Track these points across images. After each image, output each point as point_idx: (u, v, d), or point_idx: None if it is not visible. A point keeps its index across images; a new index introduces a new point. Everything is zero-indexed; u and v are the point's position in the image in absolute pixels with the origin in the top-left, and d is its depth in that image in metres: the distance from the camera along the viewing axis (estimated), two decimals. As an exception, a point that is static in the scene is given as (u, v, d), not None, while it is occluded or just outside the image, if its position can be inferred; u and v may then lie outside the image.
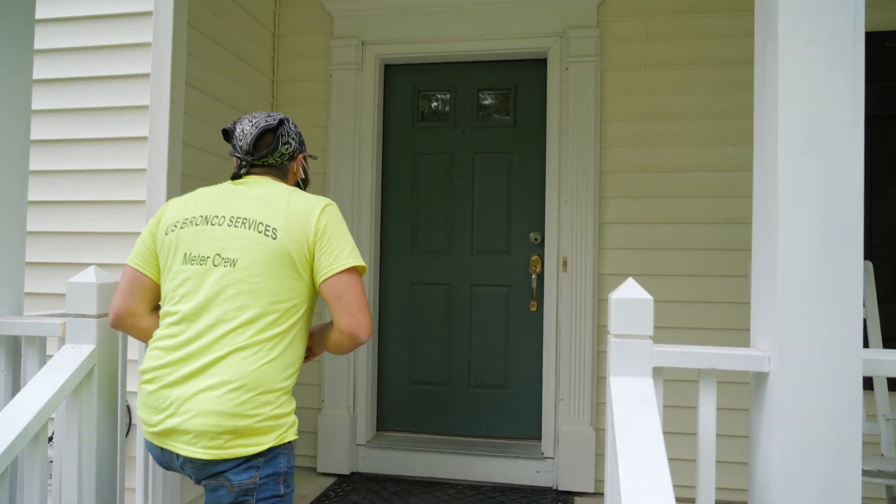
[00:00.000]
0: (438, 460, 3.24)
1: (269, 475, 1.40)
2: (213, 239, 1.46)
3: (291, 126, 1.63)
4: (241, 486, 1.37)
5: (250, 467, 1.38)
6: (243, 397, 1.37)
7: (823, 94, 1.33)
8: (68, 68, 2.70)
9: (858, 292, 1.31)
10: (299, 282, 1.45)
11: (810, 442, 1.30)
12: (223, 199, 1.53)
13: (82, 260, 2.63)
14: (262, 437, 1.39)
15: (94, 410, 1.76)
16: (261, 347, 1.40)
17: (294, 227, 1.45)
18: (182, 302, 1.45)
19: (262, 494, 1.39)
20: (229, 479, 1.38)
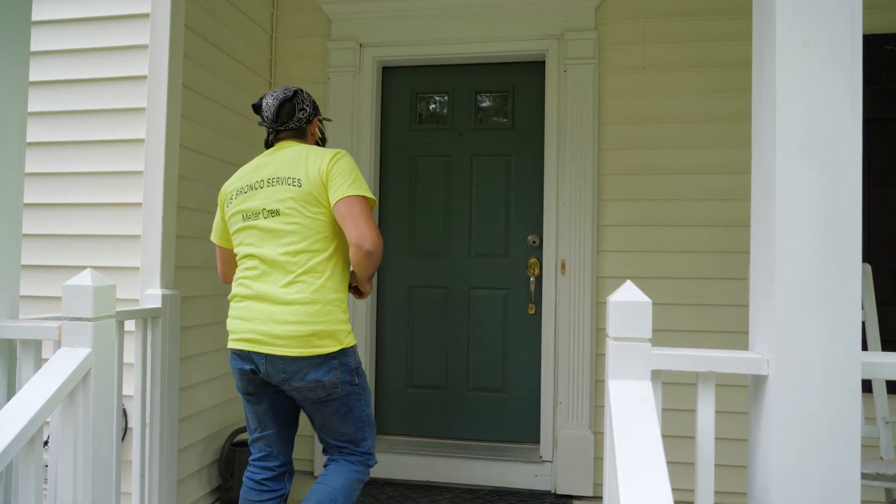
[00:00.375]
0: (436, 464, 3.24)
1: (344, 370, 1.85)
2: (259, 199, 1.88)
3: (305, 95, 2.03)
4: (330, 383, 1.83)
5: (330, 368, 1.82)
6: (313, 309, 1.79)
7: (821, 97, 1.33)
8: (64, 70, 2.70)
9: (857, 295, 1.31)
10: (327, 216, 1.85)
11: (809, 445, 1.31)
12: (259, 168, 1.95)
13: (78, 263, 2.63)
14: (332, 339, 1.81)
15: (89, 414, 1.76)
16: (315, 272, 1.81)
17: (312, 173, 1.85)
18: (250, 247, 1.89)
19: (344, 386, 1.86)
20: (320, 379, 1.81)
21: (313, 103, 2.06)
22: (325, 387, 1.83)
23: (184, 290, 2.65)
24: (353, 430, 1.94)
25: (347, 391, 1.88)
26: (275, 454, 2.00)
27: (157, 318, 2.40)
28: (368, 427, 1.98)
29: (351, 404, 1.90)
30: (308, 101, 2.03)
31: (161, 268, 2.45)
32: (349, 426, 1.93)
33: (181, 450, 2.65)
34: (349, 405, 1.90)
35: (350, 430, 1.93)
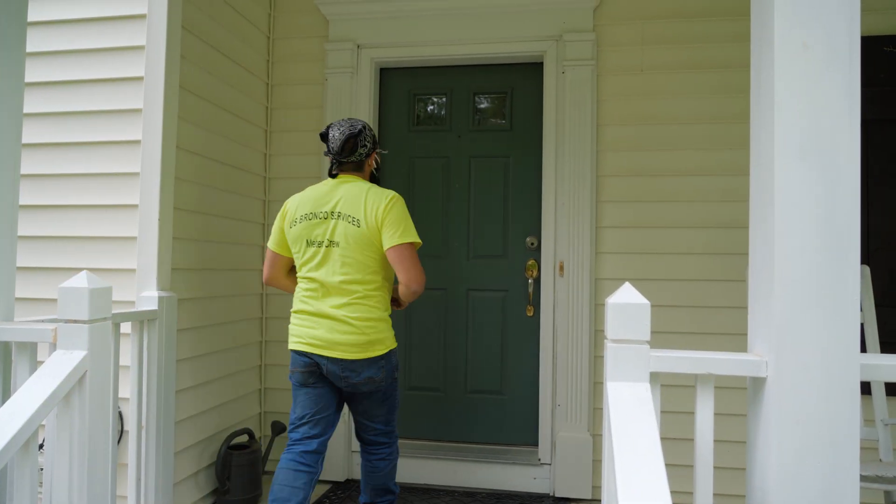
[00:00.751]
0: (434, 467, 3.23)
1: (389, 368, 2.29)
2: (323, 229, 2.23)
3: (368, 132, 2.34)
4: (379, 378, 2.26)
5: (379, 367, 2.25)
6: (366, 325, 2.21)
7: (820, 97, 1.34)
8: (61, 71, 2.70)
9: (856, 297, 1.31)
10: (377, 253, 2.22)
11: (808, 447, 1.31)
12: (324, 199, 2.26)
13: (74, 265, 2.63)
14: (381, 345, 2.24)
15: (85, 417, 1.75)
16: (367, 299, 2.22)
17: (370, 216, 2.20)
18: (312, 271, 2.24)
19: (387, 380, 2.29)
20: (372, 376, 2.24)
21: (374, 138, 2.37)
22: (375, 381, 2.26)
23: (180, 292, 2.65)
24: (387, 412, 2.40)
25: (389, 383, 2.32)
26: (319, 433, 2.33)
27: (154, 320, 2.39)
28: (395, 409, 2.45)
29: (390, 393, 2.37)
30: (370, 137, 2.34)
31: (157, 270, 2.44)
32: (384, 409, 2.38)
33: (177, 453, 2.65)
34: (388, 394, 2.36)
35: (384, 413, 2.39)
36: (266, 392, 3.45)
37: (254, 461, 2.98)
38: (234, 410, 3.16)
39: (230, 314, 3.12)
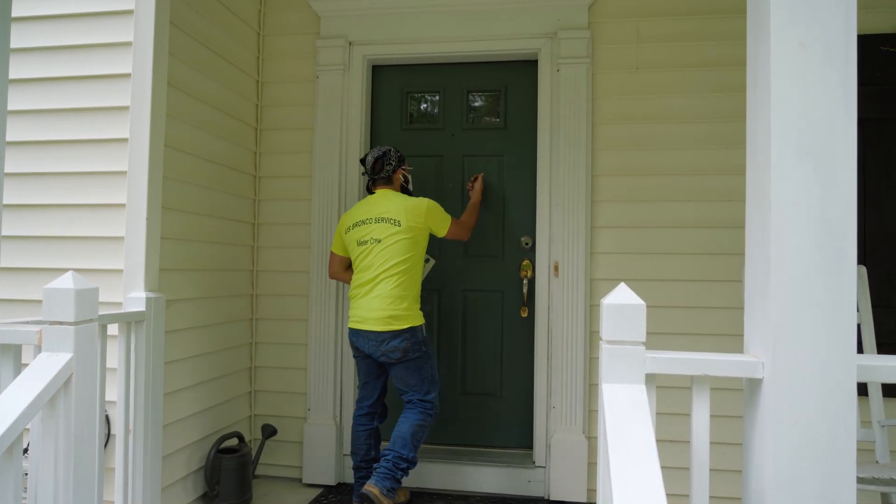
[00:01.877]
0: (428, 470, 3.23)
1: (414, 342, 2.78)
2: (368, 230, 2.84)
3: (392, 153, 2.96)
4: (403, 348, 2.76)
5: (403, 339, 2.75)
6: (388, 302, 2.76)
7: (816, 97, 1.34)
8: (46, 68, 2.68)
9: (852, 297, 1.32)
10: (412, 245, 2.81)
11: (805, 449, 1.31)
12: (368, 208, 2.89)
13: (60, 265, 2.61)
14: (403, 320, 2.76)
15: (71, 421, 1.74)
16: (393, 279, 2.77)
17: (413, 216, 2.81)
18: (362, 265, 2.84)
19: (413, 351, 2.78)
20: (396, 346, 2.74)
21: (399, 158, 2.98)
22: (400, 350, 2.74)
23: (168, 293, 2.64)
24: (420, 382, 2.82)
25: (419, 355, 2.78)
26: (367, 396, 2.94)
27: (141, 321, 2.38)
28: (432, 383, 2.86)
29: (422, 364, 2.81)
30: (394, 157, 2.95)
31: (145, 270, 2.43)
32: (417, 379, 2.81)
33: (166, 457, 2.63)
34: (420, 364, 2.80)
35: (418, 382, 2.82)
36: (256, 395, 3.44)
37: (244, 465, 2.97)
38: (223, 413, 3.15)
39: (220, 315, 3.11)
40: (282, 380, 3.42)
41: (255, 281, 3.46)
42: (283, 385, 3.41)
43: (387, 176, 2.94)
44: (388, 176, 2.95)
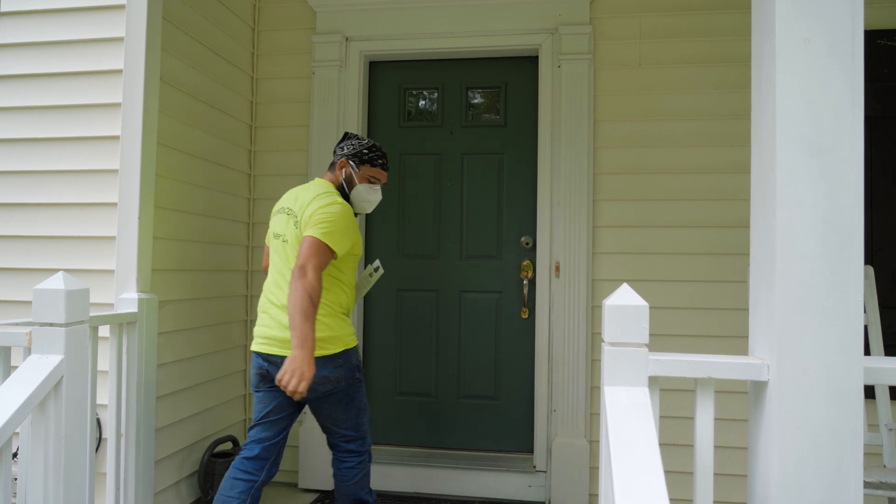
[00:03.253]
0: (425, 475, 3.23)
1: (348, 368, 2.25)
2: (280, 223, 2.32)
3: (353, 141, 2.39)
4: (335, 378, 2.21)
5: (336, 366, 2.21)
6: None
7: (822, 94, 1.35)
8: (36, 64, 2.68)
9: (859, 298, 1.33)
10: None
11: (810, 453, 1.32)
12: (292, 195, 2.36)
13: (50, 265, 2.61)
14: (331, 343, 2.20)
15: (61, 424, 1.74)
16: None
17: (302, 212, 2.22)
18: (272, 263, 2.33)
19: (348, 381, 2.26)
20: (326, 376, 2.19)
21: (357, 153, 2.37)
22: (331, 382, 2.21)
23: (161, 293, 2.63)
24: (355, 417, 2.35)
25: (350, 384, 2.28)
26: (267, 437, 2.31)
27: (133, 323, 2.38)
28: (364, 412, 2.40)
29: (353, 395, 2.32)
30: (349, 147, 2.38)
31: (137, 271, 2.43)
32: (351, 414, 2.33)
33: (158, 461, 2.63)
34: (352, 396, 2.31)
35: (352, 417, 2.34)
36: (250, 398, 3.44)
37: (238, 470, 2.97)
38: (217, 417, 3.15)
39: (213, 317, 3.11)
40: (277, 382, 3.41)
41: (249, 281, 3.45)
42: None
43: (332, 164, 2.41)
44: (333, 164, 2.40)
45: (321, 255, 2.13)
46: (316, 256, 2.11)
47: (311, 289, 2.06)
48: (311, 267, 2.09)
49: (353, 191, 2.37)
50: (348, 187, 2.37)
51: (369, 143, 2.38)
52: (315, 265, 2.10)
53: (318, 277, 2.09)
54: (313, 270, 2.08)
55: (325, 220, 2.16)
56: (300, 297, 2.04)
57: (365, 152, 2.37)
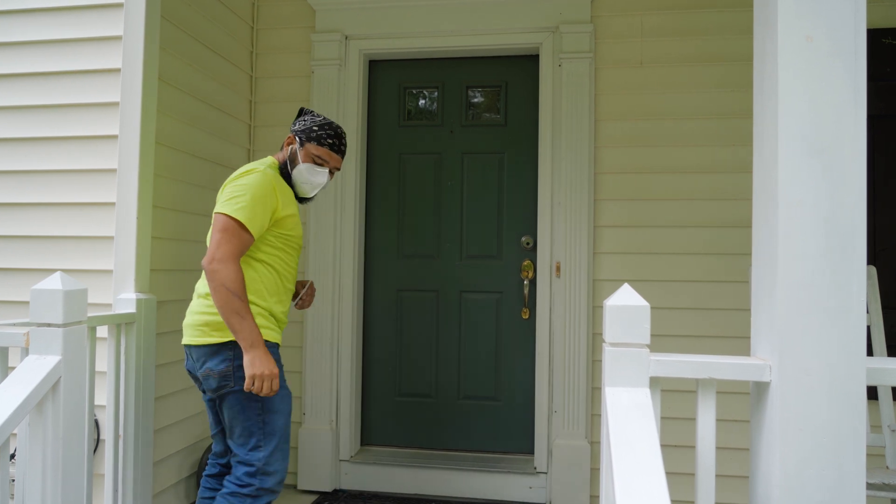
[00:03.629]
0: (426, 476, 3.23)
1: (240, 365, 1.95)
2: None
3: (307, 118, 2.18)
4: (220, 372, 1.95)
5: (224, 359, 1.95)
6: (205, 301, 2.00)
7: (824, 93, 1.35)
8: (33, 62, 2.68)
9: (861, 298, 1.33)
10: None
11: (813, 454, 1.32)
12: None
13: (48, 266, 2.61)
14: (225, 330, 1.94)
15: (59, 425, 1.74)
16: None
17: (226, 183, 2.01)
18: None
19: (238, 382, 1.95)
20: (211, 368, 1.96)
21: (309, 129, 2.15)
22: (215, 376, 1.95)
23: (159, 293, 2.64)
24: (241, 431, 1.98)
25: (241, 386, 1.95)
26: (221, 452, 2.19)
27: (132, 323, 2.38)
28: (266, 438, 1.98)
29: (247, 404, 1.96)
30: (300, 123, 2.17)
31: (135, 271, 2.43)
32: (237, 424, 1.98)
33: (157, 462, 2.63)
34: (244, 405, 1.96)
35: (237, 429, 1.98)
36: (250, 399, 3.44)
37: (237, 471, 2.97)
38: (216, 418, 3.15)
39: (212, 317, 3.10)
40: (276, 383, 3.41)
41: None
42: (278, 389, 3.40)
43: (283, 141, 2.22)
44: (282, 143, 2.21)
45: (233, 237, 1.90)
46: (227, 242, 1.89)
47: (228, 281, 1.86)
48: (222, 258, 1.88)
49: (294, 170, 2.15)
50: (291, 166, 2.16)
51: (322, 121, 2.17)
52: (226, 254, 1.88)
53: (232, 267, 1.88)
54: (224, 262, 1.87)
55: (235, 194, 1.94)
56: (223, 298, 1.87)
57: (314, 129, 2.14)
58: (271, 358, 1.92)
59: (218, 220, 1.94)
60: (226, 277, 1.86)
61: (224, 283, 1.86)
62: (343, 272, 3.35)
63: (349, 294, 3.34)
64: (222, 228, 1.91)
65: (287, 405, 2.04)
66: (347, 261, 3.35)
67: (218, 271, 1.87)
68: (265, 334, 2.00)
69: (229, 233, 1.90)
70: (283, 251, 2.09)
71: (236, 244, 1.91)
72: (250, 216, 1.93)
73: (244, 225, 1.92)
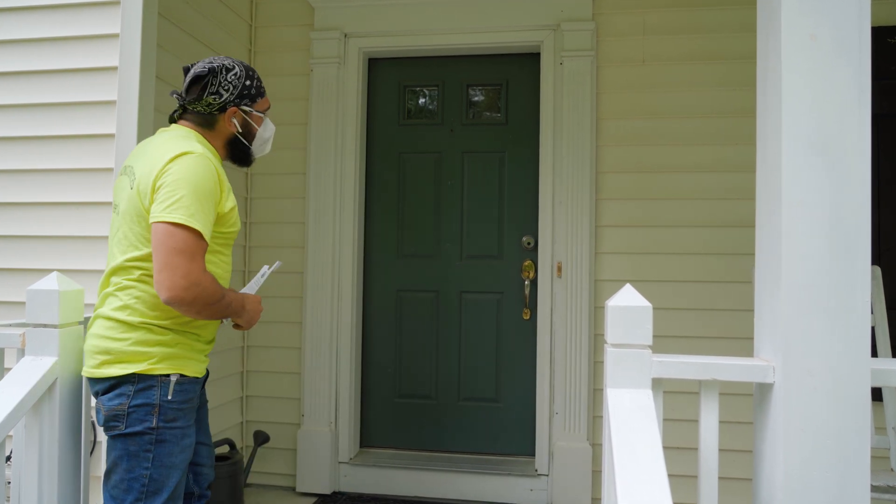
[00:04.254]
0: (426, 478, 3.23)
1: (143, 402, 1.58)
2: (119, 188, 1.72)
3: (229, 77, 1.75)
4: (117, 409, 1.59)
5: (124, 396, 1.59)
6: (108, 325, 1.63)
7: (828, 91, 1.35)
8: (29, 61, 2.68)
9: (866, 299, 1.33)
10: (146, 229, 1.59)
11: (817, 456, 1.32)
12: (136, 149, 1.77)
13: (44, 266, 2.60)
14: (127, 360, 1.59)
15: (55, 427, 1.74)
16: (124, 289, 1.63)
17: (145, 175, 1.60)
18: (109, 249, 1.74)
19: (133, 423, 1.58)
20: (114, 407, 1.59)
21: (240, 89, 1.75)
22: (114, 416, 1.58)
23: (157, 294, 2.63)
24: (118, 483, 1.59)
25: (137, 429, 1.57)
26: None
27: (129, 324, 2.38)
28: (148, 497, 1.58)
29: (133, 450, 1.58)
30: (230, 84, 1.74)
31: (132, 271, 2.43)
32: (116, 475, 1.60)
33: (154, 465, 2.63)
34: (133, 452, 1.58)
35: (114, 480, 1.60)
36: (248, 400, 3.44)
37: (235, 473, 2.97)
38: (213, 419, 3.14)
39: (210, 318, 3.10)
40: (275, 385, 3.41)
41: (246, 282, 3.45)
42: (277, 390, 3.41)
43: (207, 113, 1.75)
44: (209, 114, 1.75)
45: (195, 253, 1.54)
46: (190, 261, 1.52)
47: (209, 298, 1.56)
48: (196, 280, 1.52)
49: (255, 140, 1.86)
50: (248, 138, 1.83)
51: (244, 71, 1.78)
52: (194, 270, 1.52)
53: (207, 282, 1.56)
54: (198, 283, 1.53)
55: (177, 193, 1.53)
56: (209, 314, 1.61)
57: (247, 84, 1.77)
58: (252, 302, 1.74)
59: (171, 234, 1.51)
60: (206, 296, 1.55)
61: (207, 302, 1.57)
62: (342, 272, 3.35)
63: (348, 294, 3.34)
64: (179, 248, 1.51)
65: (187, 457, 1.66)
66: (346, 260, 3.35)
67: (198, 296, 1.53)
68: (181, 367, 1.63)
69: (188, 251, 1.52)
70: (222, 253, 1.74)
71: (198, 261, 1.54)
72: (204, 220, 1.57)
73: (202, 234, 1.56)
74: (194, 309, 1.56)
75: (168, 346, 1.62)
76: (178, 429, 1.63)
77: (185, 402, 1.64)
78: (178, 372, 1.63)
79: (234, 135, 1.80)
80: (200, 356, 1.72)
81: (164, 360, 1.61)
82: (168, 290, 1.51)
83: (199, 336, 1.70)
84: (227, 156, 1.84)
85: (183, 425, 1.64)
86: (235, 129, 1.79)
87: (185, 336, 1.66)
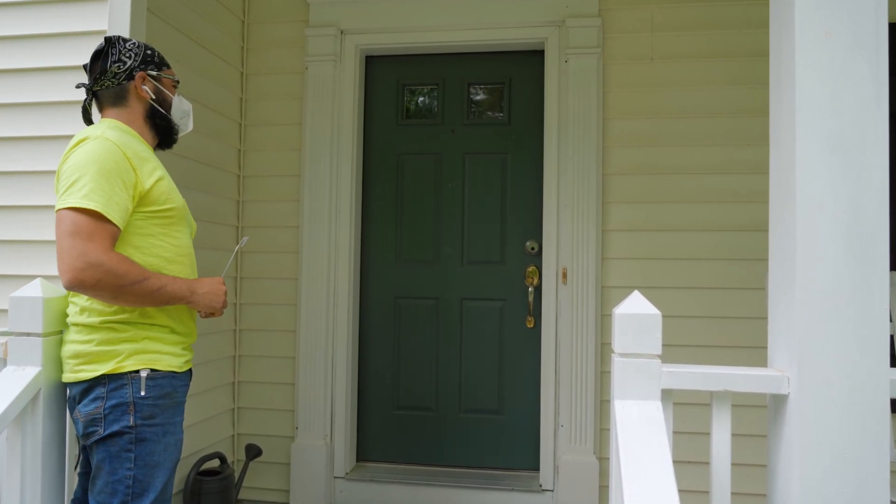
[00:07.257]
0: (425, 494, 3.22)
1: (117, 404, 1.60)
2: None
3: (128, 45, 1.77)
4: (94, 415, 1.61)
5: (97, 399, 1.61)
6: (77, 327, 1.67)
7: (844, 90, 1.35)
8: (13, 58, 2.68)
9: (884, 306, 1.32)
10: None
11: (833, 471, 1.31)
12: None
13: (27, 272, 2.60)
14: (99, 360, 1.62)
15: (38, 440, 1.73)
16: None
17: (59, 168, 1.65)
18: None
19: (112, 427, 1.60)
20: (90, 412, 1.61)
21: (142, 55, 1.76)
22: (92, 420, 1.61)
23: (145, 301, 2.63)
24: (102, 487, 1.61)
25: (115, 431, 1.60)
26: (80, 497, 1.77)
27: (115, 332, 2.38)
28: (134, 498, 1.61)
29: (115, 452, 1.60)
30: (129, 50, 1.74)
31: (120, 277, 2.43)
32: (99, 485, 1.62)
33: (141, 479, 2.62)
34: (111, 452, 1.60)
35: (97, 491, 1.62)
36: (240, 412, 3.44)
37: (226, 488, 2.97)
38: (204, 432, 3.14)
39: (200, 325, 3.10)
40: (268, 396, 3.41)
41: (238, 289, 3.45)
42: (269, 402, 3.40)
43: (116, 85, 1.75)
44: (119, 85, 1.75)
45: (93, 234, 1.51)
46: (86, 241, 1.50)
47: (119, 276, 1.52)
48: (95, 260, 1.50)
49: (172, 109, 1.84)
50: (166, 107, 1.83)
51: (143, 43, 1.81)
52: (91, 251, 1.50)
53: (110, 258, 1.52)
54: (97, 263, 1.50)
55: (74, 177, 1.55)
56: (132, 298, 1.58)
57: (149, 52, 1.80)
58: (206, 285, 1.72)
59: (63, 219, 1.52)
60: (114, 278, 1.51)
61: (119, 284, 1.52)
62: (338, 278, 3.35)
63: (344, 301, 3.34)
64: (71, 231, 1.50)
65: (173, 455, 1.68)
66: (343, 266, 3.35)
67: (101, 278, 1.50)
68: (152, 362, 1.65)
69: (84, 232, 1.50)
70: (166, 234, 1.71)
71: (101, 244, 1.51)
72: (106, 200, 1.53)
73: (102, 214, 1.52)
74: (107, 293, 1.54)
75: (134, 341, 1.64)
76: (158, 426, 1.65)
77: (161, 397, 1.66)
78: (147, 367, 1.64)
79: (150, 104, 1.80)
80: (176, 349, 1.73)
81: (132, 357, 1.63)
82: (64, 273, 1.52)
83: (169, 328, 1.71)
84: (152, 134, 1.85)
85: (163, 422, 1.66)
86: (149, 97, 1.79)
87: (151, 329, 1.67)
